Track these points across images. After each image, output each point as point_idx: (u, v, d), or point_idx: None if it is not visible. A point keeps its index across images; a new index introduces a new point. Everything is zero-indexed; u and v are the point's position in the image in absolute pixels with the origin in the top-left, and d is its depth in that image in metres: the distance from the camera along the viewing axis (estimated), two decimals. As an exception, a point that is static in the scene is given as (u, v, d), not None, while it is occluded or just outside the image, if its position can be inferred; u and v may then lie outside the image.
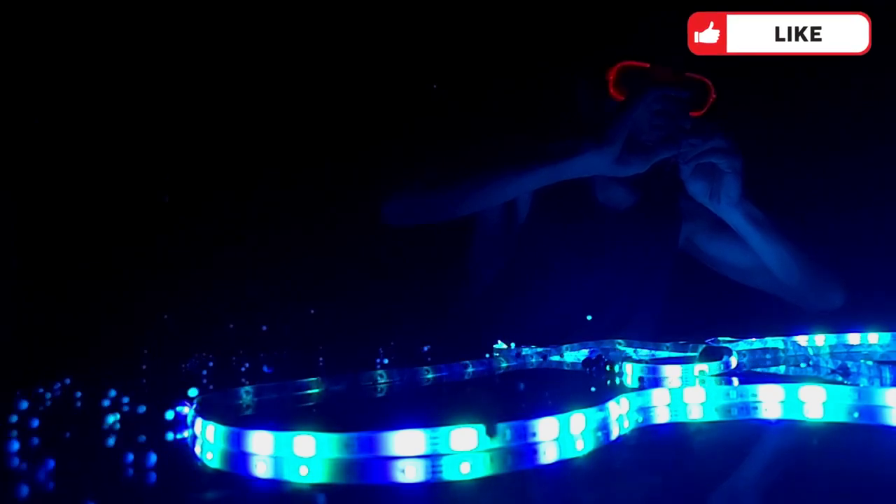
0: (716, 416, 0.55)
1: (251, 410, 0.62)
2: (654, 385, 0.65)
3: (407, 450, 0.42)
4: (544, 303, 1.18)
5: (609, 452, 0.46)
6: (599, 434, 0.48)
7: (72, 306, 1.33)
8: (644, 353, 0.89)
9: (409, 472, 0.40)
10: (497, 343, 0.90)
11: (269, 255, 1.44)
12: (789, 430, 0.53)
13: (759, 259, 1.13)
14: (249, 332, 1.33)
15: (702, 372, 0.69)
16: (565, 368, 0.84)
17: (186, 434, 0.50)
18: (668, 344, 0.88)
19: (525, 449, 0.44)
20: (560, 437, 0.46)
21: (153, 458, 0.43)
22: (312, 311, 1.41)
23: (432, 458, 0.42)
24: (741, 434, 0.52)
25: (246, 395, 0.63)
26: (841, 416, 0.53)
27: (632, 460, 0.46)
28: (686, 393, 0.58)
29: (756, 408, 0.56)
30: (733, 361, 0.73)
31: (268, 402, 0.64)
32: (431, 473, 0.41)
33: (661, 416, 0.55)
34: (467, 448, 0.43)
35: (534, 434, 0.45)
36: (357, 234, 1.36)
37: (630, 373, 0.71)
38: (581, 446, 0.45)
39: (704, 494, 0.38)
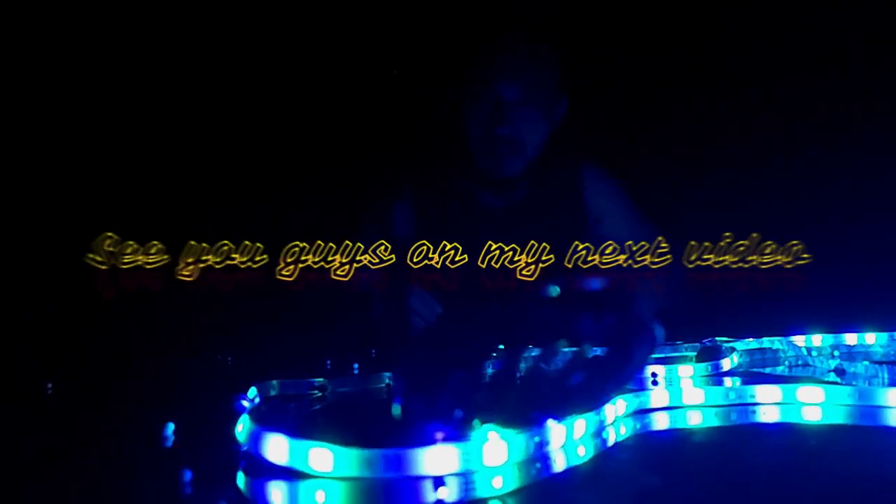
0: (713, 417, 0.55)
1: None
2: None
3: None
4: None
5: (608, 455, 0.46)
6: (597, 440, 0.48)
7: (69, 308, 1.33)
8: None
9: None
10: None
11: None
12: (787, 431, 0.53)
13: None
14: (247, 335, 1.33)
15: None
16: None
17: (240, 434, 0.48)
18: (665, 345, 0.88)
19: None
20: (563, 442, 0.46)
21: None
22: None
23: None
24: (739, 434, 0.53)
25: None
26: (838, 417, 0.54)
27: (630, 462, 0.46)
28: (685, 395, 0.58)
29: (754, 408, 0.56)
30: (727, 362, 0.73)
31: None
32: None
33: (660, 418, 0.55)
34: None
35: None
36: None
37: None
38: (582, 452, 0.46)
39: (703, 495, 0.38)
